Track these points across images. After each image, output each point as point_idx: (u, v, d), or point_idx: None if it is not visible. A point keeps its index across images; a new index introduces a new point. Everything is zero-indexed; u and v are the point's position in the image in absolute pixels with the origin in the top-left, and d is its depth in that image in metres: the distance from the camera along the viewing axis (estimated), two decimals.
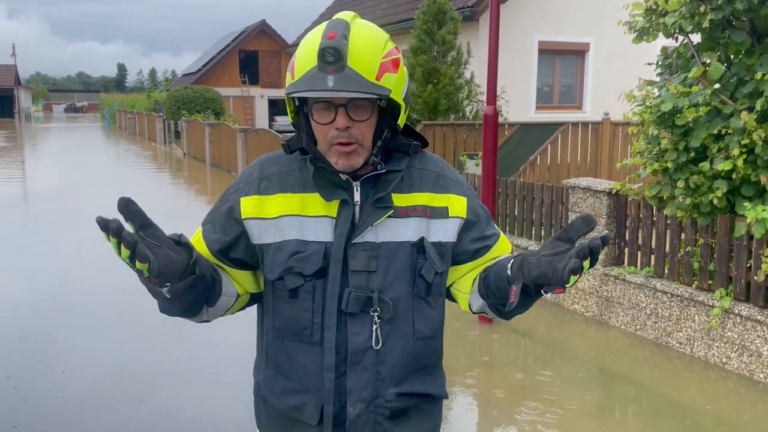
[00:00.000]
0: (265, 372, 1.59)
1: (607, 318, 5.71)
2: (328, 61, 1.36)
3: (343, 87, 1.36)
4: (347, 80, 1.37)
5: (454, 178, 1.61)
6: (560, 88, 14.65)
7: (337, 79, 1.36)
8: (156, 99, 36.82)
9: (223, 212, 1.55)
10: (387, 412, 1.51)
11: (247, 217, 1.51)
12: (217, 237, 1.54)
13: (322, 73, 1.37)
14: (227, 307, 1.55)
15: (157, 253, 1.26)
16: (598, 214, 5.75)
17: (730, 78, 4.94)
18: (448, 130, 9.76)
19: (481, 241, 1.61)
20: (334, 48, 1.36)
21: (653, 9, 5.22)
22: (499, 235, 1.66)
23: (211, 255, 1.53)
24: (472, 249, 1.60)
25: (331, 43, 1.37)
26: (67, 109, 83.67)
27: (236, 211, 1.52)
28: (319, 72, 1.37)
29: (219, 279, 1.48)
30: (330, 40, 1.37)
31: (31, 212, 11.17)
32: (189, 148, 21.51)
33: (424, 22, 10.61)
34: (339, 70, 1.36)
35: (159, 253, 1.26)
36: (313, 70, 1.38)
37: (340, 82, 1.36)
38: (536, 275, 1.34)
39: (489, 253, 1.62)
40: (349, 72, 1.37)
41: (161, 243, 1.27)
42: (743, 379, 4.55)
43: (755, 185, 4.71)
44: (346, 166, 1.44)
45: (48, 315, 5.78)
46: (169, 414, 3.99)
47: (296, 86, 1.40)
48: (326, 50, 1.36)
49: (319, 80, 1.37)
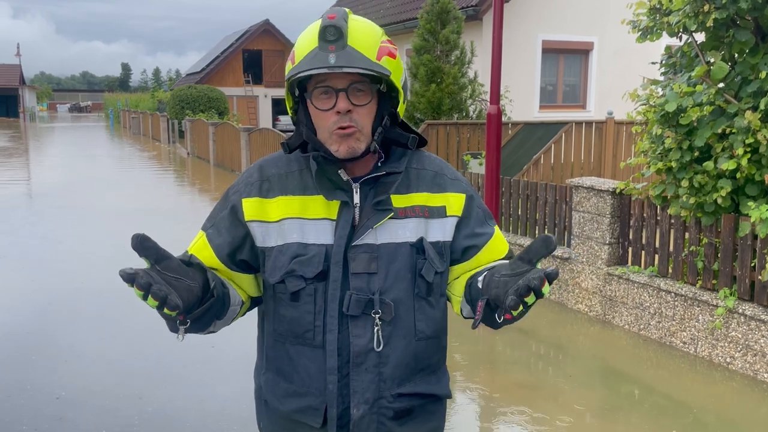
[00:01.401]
0: (267, 375, 1.59)
1: (610, 317, 5.70)
2: (330, 39, 1.38)
3: (346, 63, 1.37)
4: (349, 57, 1.38)
5: (451, 176, 1.60)
6: (564, 87, 14.63)
7: (339, 56, 1.38)
8: (160, 98, 36.91)
9: (226, 215, 1.54)
10: (390, 413, 1.51)
11: (250, 220, 1.51)
12: (222, 240, 1.53)
13: (324, 52, 1.38)
14: (233, 316, 1.55)
15: (177, 287, 1.26)
16: (602, 214, 5.74)
17: (735, 77, 4.93)
18: (451, 129, 9.75)
19: (471, 239, 1.57)
20: (335, 26, 1.38)
21: (657, 8, 5.21)
22: (491, 235, 1.60)
23: (218, 260, 1.52)
24: (461, 247, 1.57)
25: (332, 22, 1.38)
26: (71, 109, 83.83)
27: (239, 212, 1.51)
28: (320, 51, 1.39)
29: (227, 291, 1.48)
30: (331, 20, 1.39)
31: (36, 211, 11.19)
32: (193, 147, 21.55)
33: (427, 22, 10.60)
34: (340, 48, 1.38)
35: (179, 287, 1.27)
36: (314, 50, 1.39)
37: (342, 59, 1.38)
38: (494, 296, 1.32)
39: (480, 254, 1.58)
40: (350, 50, 1.39)
41: (179, 275, 1.28)
42: (747, 379, 4.54)
43: (759, 184, 4.70)
44: (346, 151, 1.43)
45: (50, 314, 5.80)
46: (173, 413, 4.00)
47: (298, 68, 1.41)
48: (327, 29, 1.38)
49: (321, 58, 1.38)
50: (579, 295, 6.03)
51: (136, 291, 1.20)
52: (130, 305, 5.91)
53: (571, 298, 6.12)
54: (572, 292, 6.10)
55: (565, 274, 6.18)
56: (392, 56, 1.46)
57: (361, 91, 1.42)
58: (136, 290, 1.20)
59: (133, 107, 41.75)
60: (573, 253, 6.06)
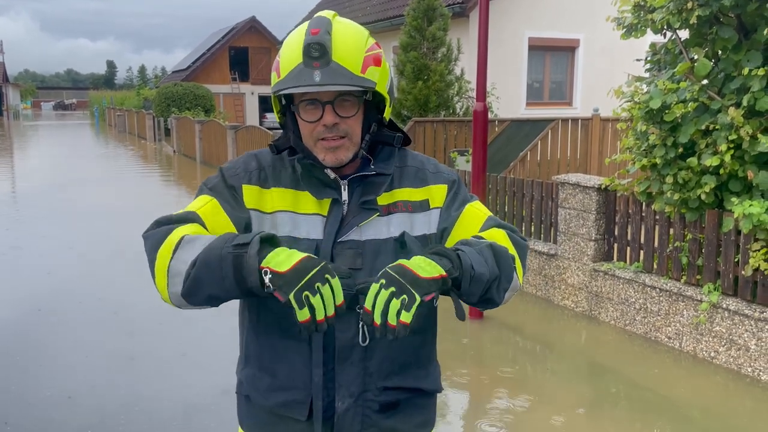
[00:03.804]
0: (249, 370, 1.59)
1: (596, 313, 5.74)
2: (314, 56, 1.38)
3: (330, 81, 1.38)
4: (333, 74, 1.38)
5: (433, 170, 1.60)
6: (550, 84, 14.69)
7: (324, 74, 1.38)
8: (145, 96, 36.66)
9: (227, 192, 1.50)
10: (376, 406, 1.51)
11: (250, 207, 1.50)
12: (239, 215, 1.47)
13: (309, 69, 1.38)
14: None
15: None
16: (588, 210, 5.77)
17: (718, 74, 4.97)
18: (438, 126, 9.76)
19: (445, 221, 1.56)
20: (318, 43, 1.38)
21: (641, 5, 5.24)
22: (459, 214, 1.55)
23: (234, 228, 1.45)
24: (439, 231, 1.56)
25: (316, 38, 1.38)
26: (56, 107, 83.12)
27: (240, 196, 1.49)
28: (305, 68, 1.39)
29: None
30: (314, 36, 1.39)
31: (20, 212, 11.09)
32: (179, 145, 21.43)
33: (413, 19, 10.60)
34: (325, 64, 1.38)
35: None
36: (299, 66, 1.40)
37: (326, 76, 1.38)
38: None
39: (453, 233, 1.54)
40: (334, 66, 1.39)
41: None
42: (731, 373, 4.59)
43: (743, 180, 4.74)
44: (333, 160, 1.45)
45: (36, 315, 5.75)
46: (159, 412, 3.98)
47: (283, 83, 1.42)
48: (311, 45, 1.38)
49: (305, 75, 1.38)
50: (565, 291, 6.07)
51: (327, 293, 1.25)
52: (117, 304, 5.89)
53: (558, 294, 6.15)
54: (558, 288, 6.14)
55: (551, 270, 6.21)
56: (378, 64, 1.46)
57: (348, 101, 1.43)
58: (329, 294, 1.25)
59: (119, 105, 41.42)
60: (559, 249, 6.08)
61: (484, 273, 1.35)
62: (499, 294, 1.42)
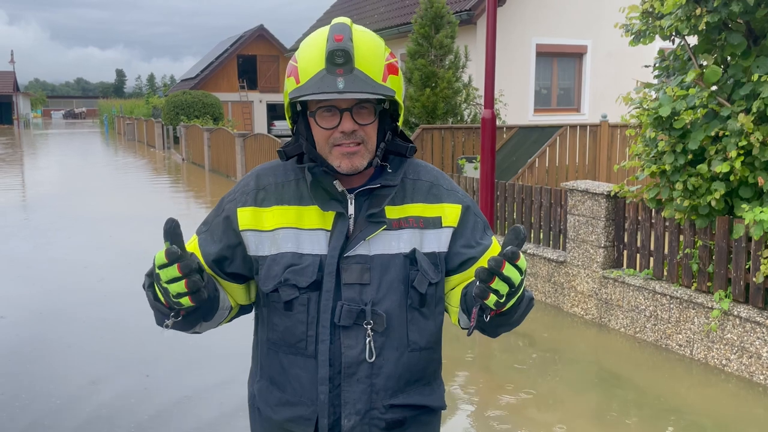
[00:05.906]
0: (260, 383, 1.59)
1: (606, 320, 5.71)
2: (338, 63, 1.37)
3: (353, 88, 1.37)
4: (357, 82, 1.37)
5: (448, 187, 1.59)
6: (558, 90, 14.67)
7: (347, 81, 1.37)
8: (154, 104, 36.82)
9: (220, 222, 1.54)
10: (382, 424, 1.50)
11: (244, 229, 1.51)
12: (214, 248, 1.53)
13: (332, 75, 1.37)
14: (220, 320, 1.55)
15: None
16: (597, 217, 5.75)
17: (727, 80, 4.95)
18: (446, 133, 9.76)
19: (468, 250, 1.55)
20: (343, 50, 1.37)
21: (650, 12, 5.23)
22: (489, 246, 1.58)
23: (206, 265, 1.53)
24: (458, 258, 1.55)
25: (340, 45, 1.37)
26: (65, 115, 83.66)
27: (233, 222, 1.52)
28: (327, 74, 1.37)
29: (218, 295, 1.48)
30: (338, 42, 1.37)
31: (31, 220, 11.16)
32: (188, 153, 21.51)
33: (421, 26, 10.62)
34: (348, 71, 1.37)
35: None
36: (321, 72, 1.38)
37: (350, 84, 1.37)
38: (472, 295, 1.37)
39: (477, 264, 1.55)
40: (358, 73, 1.38)
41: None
42: (743, 381, 4.55)
43: (753, 187, 4.72)
44: (349, 167, 1.44)
45: (44, 318, 5.78)
46: (165, 421, 3.98)
47: (304, 89, 1.39)
48: (335, 52, 1.37)
49: (328, 82, 1.37)
50: (575, 299, 6.04)
51: (172, 271, 1.23)
52: (121, 309, 5.90)
53: (567, 301, 6.13)
54: (568, 296, 6.11)
55: (560, 277, 6.19)
56: (395, 72, 1.46)
57: (365, 109, 1.42)
58: (173, 270, 1.23)
59: (128, 113, 41.67)
60: (568, 256, 6.06)
61: (522, 316, 1.46)
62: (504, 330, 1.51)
